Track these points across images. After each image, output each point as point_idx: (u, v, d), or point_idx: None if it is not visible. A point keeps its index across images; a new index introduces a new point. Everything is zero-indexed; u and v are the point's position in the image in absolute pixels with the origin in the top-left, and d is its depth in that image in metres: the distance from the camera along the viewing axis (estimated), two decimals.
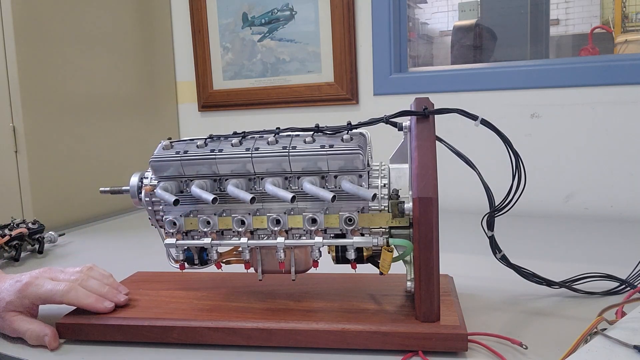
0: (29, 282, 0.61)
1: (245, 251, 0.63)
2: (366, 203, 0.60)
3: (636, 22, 1.93)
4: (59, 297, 0.61)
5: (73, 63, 1.33)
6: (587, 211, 1.25)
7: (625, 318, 0.53)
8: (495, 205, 0.61)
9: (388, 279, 0.66)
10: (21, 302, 0.61)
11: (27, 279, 0.62)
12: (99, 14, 1.41)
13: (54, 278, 0.63)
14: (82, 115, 1.35)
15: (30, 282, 0.61)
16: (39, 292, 0.61)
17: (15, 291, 0.60)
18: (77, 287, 0.62)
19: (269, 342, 0.57)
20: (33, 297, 0.61)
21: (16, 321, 0.60)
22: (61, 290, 0.61)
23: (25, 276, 0.62)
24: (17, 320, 0.61)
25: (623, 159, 1.22)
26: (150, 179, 0.67)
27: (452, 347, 0.54)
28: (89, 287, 0.64)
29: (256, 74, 1.60)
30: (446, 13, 3.01)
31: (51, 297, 0.61)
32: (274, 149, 0.61)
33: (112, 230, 1.28)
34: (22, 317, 0.61)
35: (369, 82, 1.46)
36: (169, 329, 0.59)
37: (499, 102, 1.32)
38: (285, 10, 1.54)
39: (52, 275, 0.64)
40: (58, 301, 0.61)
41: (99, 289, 0.64)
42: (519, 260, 0.67)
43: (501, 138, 0.60)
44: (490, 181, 0.60)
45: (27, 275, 0.62)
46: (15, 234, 0.98)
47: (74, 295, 0.61)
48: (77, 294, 0.62)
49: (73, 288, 0.62)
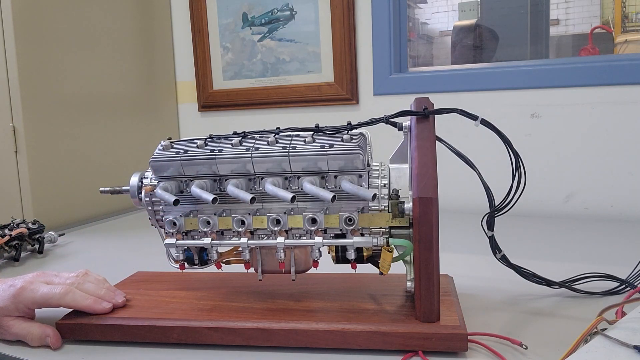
0: (23, 286, 0.60)
1: (245, 251, 0.63)
2: (366, 203, 0.60)
3: (636, 22, 1.93)
4: (56, 300, 0.60)
5: (73, 63, 1.33)
6: (587, 211, 1.25)
7: (625, 318, 0.53)
8: (495, 205, 0.61)
9: (388, 279, 0.66)
10: (16, 307, 0.60)
11: (22, 283, 0.61)
12: (99, 14, 1.41)
13: (49, 282, 0.63)
14: (82, 115, 1.35)
15: (25, 286, 0.60)
16: (35, 297, 0.60)
17: (9, 296, 0.60)
18: (74, 290, 0.62)
19: (269, 342, 0.57)
20: (29, 301, 0.60)
21: (14, 325, 0.60)
22: (58, 294, 0.60)
23: (19, 281, 0.62)
24: (15, 324, 0.60)
25: (623, 159, 1.22)
26: (150, 179, 0.67)
27: (452, 347, 0.54)
28: (85, 290, 0.63)
29: (256, 74, 1.60)
30: (446, 13, 3.01)
31: (47, 300, 0.60)
32: (274, 149, 0.61)
33: (112, 230, 1.28)
34: (19, 321, 0.61)
35: (369, 82, 1.46)
36: (169, 329, 0.59)
37: (499, 102, 1.32)
38: (285, 10, 1.54)
39: (46, 279, 0.63)
40: (55, 304, 0.61)
41: (96, 291, 0.64)
42: (519, 260, 0.67)
43: (501, 138, 0.60)
44: (490, 181, 0.60)
45: (21, 279, 0.62)
46: (15, 234, 0.98)
47: (71, 298, 0.61)
48: (74, 297, 0.61)
49: (70, 291, 0.61)
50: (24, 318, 0.61)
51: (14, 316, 0.61)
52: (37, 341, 0.60)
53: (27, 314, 0.62)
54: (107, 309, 0.63)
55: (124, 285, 0.74)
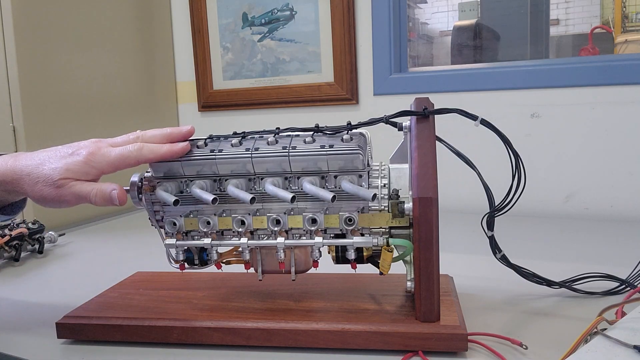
0: (93, 151, 0.58)
1: (245, 251, 0.63)
2: (366, 203, 0.60)
3: (636, 22, 1.93)
4: (134, 156, 0.58)
5: (73, 63, 1.33)
6: (587, 211, 1.25)
7: (625, 318, 0.53)
8: (495, 205, 0.61)
9: (388, 279, 0.66)
10: (87, 171, 0.58)
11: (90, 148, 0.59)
12: (99, 14, 1.41)
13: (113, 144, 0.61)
14: (82, 116, 1.35)
15: (94, 151, 0.58)
16: (110, 158, 0.58)
17: (79, 161, 0.58)
18: (145, 144, 0.59)
19: (269, 342, 0.58)
20: (103, 164, 0.58)
21: (76, 185, 0.58)
22: (134, 150, 0.58)
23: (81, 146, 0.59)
24: (77, 184, 0.58)
25: (623, 159, 1.22)
26: (150, 179, 0.67)
27: (452, 347, 0.54)
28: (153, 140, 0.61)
29: (256, 74, 1.60)
30: (446, 13, 3.01)
31: (125, 159, 0.58)
32: (274, 149, 0.61)
33: (112, 230, 1.28)
34: (82, 182, 0.59)
35: (369, 82, 1.46)
36: (169, 329, 0.59)
37: (499, 102, 1.32)
38: (285, 10, 1.54)
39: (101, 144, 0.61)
40: (134, 161, 0.59)
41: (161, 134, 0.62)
42: (519, 260, 0.67)
43: (501, 138, 0.60)
44: (490, 181, 0.60)
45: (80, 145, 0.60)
46: (15, 234, 0.98)
47: (148, 150, 0.59)
48: (150, 148, 0.59)
49: (143, 145, 0.59)
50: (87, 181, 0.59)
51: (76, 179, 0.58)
52: (102, 198, 0.58)
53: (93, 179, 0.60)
54: (186, 148, 0.61)
55: (124, 285, 0.74)
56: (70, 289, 0.82)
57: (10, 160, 0.61)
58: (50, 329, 0.62)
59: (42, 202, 0.60)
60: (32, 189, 0.59)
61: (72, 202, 0.59)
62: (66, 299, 0.74)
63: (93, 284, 0.76)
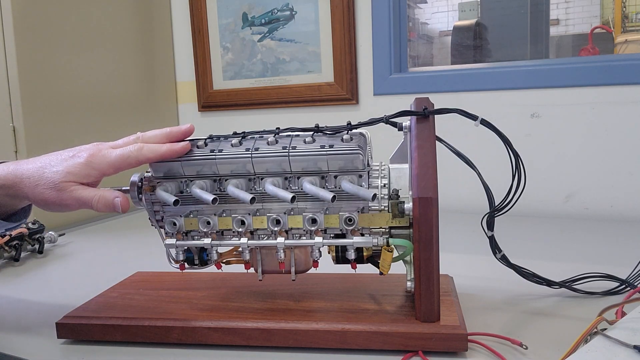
0: (94, 153, 0.58)
1: (245, 251, 0.63)
2: (366, 203, 0.60)
3: (636, 22, 1.93)
4: (134, 157, 0.58)
5: (73, 63, 1.33)
6: (587, 211, 1.25)
7: (625, 318, 0.53)
8: (495, 205, 0.61)
9: (388, 279, 0.66)
10: (88, 173, 0.58)
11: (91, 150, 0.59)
12: (99, 14, 1.41)
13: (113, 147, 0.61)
14: (82, 115, 1.35)
15: (95, 153, 0.58)
16: (110, 160, 0.58)
17: (79, 164, 0.58)
18: (144, 144, 0.59)
19: (269, 342, 0.57)
20: (104, 165, 0.58)
21: (78, 190, 0.58)
22: (134, 151, 0.58)
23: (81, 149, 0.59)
24: (79, 189, 0.58)
25: (623, 159, 1.22)
26: (150, 179, 0.67)
27: (452, 347, 0.54)
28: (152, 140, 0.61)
29: (256, 74, 1.60)
30: (446, 13, 3.01)
31: (125, 160, 0.58)
32: (274, 149, 0.61)
33: (112, 230, 1.28)
34: (84, 187, 0.59)
35: (369, 82, 1.46)
36: (169, 329, 0.59)
37: (499, 102, 1.32)
38: (285, 10, 1.54)
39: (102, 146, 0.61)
40: (134, 162, 0.59)
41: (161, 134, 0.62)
42: (519, 260, 0.67)
43: (501, 138, 0.60)
44: (490, 181, 0.60)
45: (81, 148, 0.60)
46: (15, 234, 0.98)
47: (148, 150, 0.59)
48: (150, 148, 0.59)
49: (143, 146, 0.59)
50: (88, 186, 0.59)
51: (78, 182, 0.58)
52: (104, 204, 0.58)
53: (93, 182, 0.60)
54: (186, 147, 0.61)
55: (124, 285, 0.74)
56: (70, 289, 0.82)
57: (12, 165, 0.62)
58: (50, 329, 0.62)
59: (44, 205, 0.60)
60: (33, 192, 0.59)
61: (74, 206, 0.59)
62: (66, 299, 0.74)
63: (93, 284, 0.76)
